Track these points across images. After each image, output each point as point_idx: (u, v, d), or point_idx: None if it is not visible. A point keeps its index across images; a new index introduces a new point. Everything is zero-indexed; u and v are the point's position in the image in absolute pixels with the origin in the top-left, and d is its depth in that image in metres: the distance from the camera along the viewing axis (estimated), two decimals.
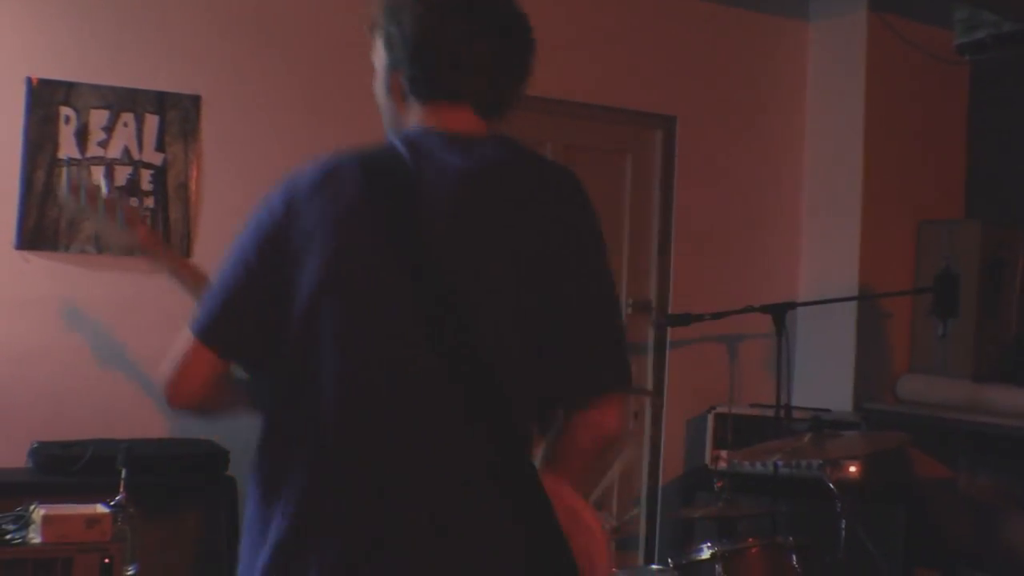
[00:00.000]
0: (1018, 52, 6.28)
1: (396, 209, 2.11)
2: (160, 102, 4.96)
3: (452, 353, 2.06)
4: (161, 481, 4.45)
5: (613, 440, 2.23)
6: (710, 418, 5.91)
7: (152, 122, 4.95)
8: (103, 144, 4.86)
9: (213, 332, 2.16)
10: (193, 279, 3.65)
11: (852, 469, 5.44)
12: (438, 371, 2.06)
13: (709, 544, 4.18)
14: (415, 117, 2.25)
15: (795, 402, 5.80)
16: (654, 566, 4.41)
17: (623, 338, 2.25)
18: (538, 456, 2.24)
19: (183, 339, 2.18)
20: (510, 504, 2.09)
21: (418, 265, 2.08)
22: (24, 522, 3.81)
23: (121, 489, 3.90)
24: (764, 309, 5.35)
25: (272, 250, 2.12)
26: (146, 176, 4.94)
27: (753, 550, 4.17)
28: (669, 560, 4.33)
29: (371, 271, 2.08)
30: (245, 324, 2.15)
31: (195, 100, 5.04)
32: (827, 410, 5.89)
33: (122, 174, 4.89)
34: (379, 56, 2.28)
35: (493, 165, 2.18)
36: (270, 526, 2.11)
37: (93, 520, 3.78)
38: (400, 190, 2.12)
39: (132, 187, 4.89)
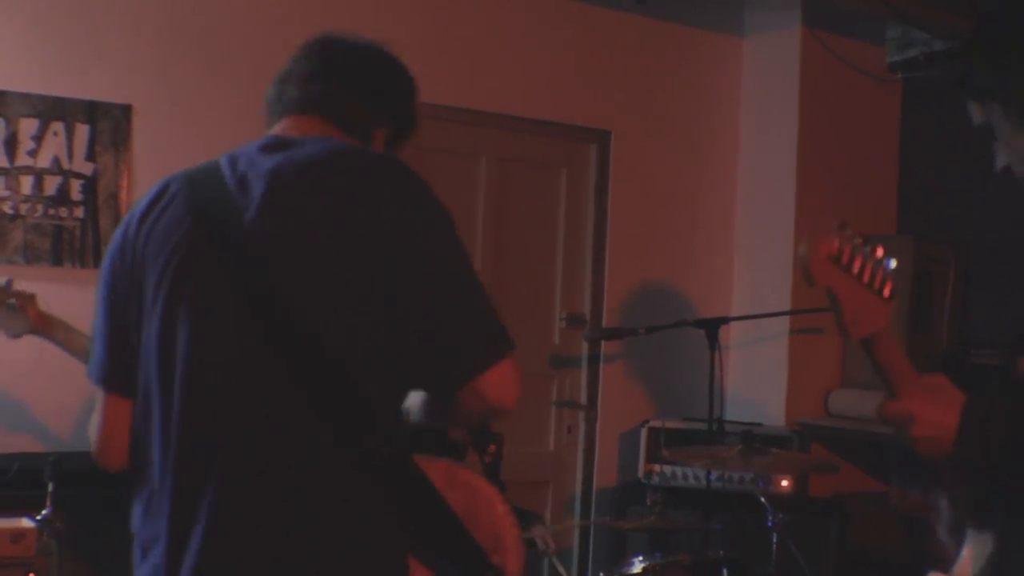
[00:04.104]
0: (949, 70, 6.35)
1: (213, 218, 2.16)
2: (91, 111, 4.92)
3: (286, 353, 2.06)
4: (89, 494, 4.40)
5: (500, 411, 2.16)
6: (643, 432, 5.92)
7: (82, 131, 4.91)
8: (32, 153, 4.81)
9: (109, 377, 2.24)
10: (84, 348, 3.81)
11: (784, 483, 5.47)
12: (276, 377, 2.06)
13: (640, 558, 4.19)
14: None
15: (728, 416, 5.82)
16: None
17: (487, 306, 2.17)
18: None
19: (96, 400, 2.27)
20: (382, 493, 2.08)
21: (239, 269, 2.11)
22: None
23: (47, 503, 3.85)
24: (697, 324, 5.38)
25: (119, 281, 2.23)
26: (76, 186, 4.89)
27: (684, 564, 4.18)
28: (601, 574, 4.33)
29: (197, 282, 2.13)
30: (128, 358, 2.21)
31: (126, 109, 5.00)
32: (759, 424, 5.92)
33: (52, 184, 4.84)
34: None
35: (307, 160, 2.18)
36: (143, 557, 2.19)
37: (18, 535, 3.74)
38: (216, 200, 2.17)
39: (62, 197, 4.85)
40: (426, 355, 2.11)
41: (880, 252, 2.06)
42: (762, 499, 4.52)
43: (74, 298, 4.66)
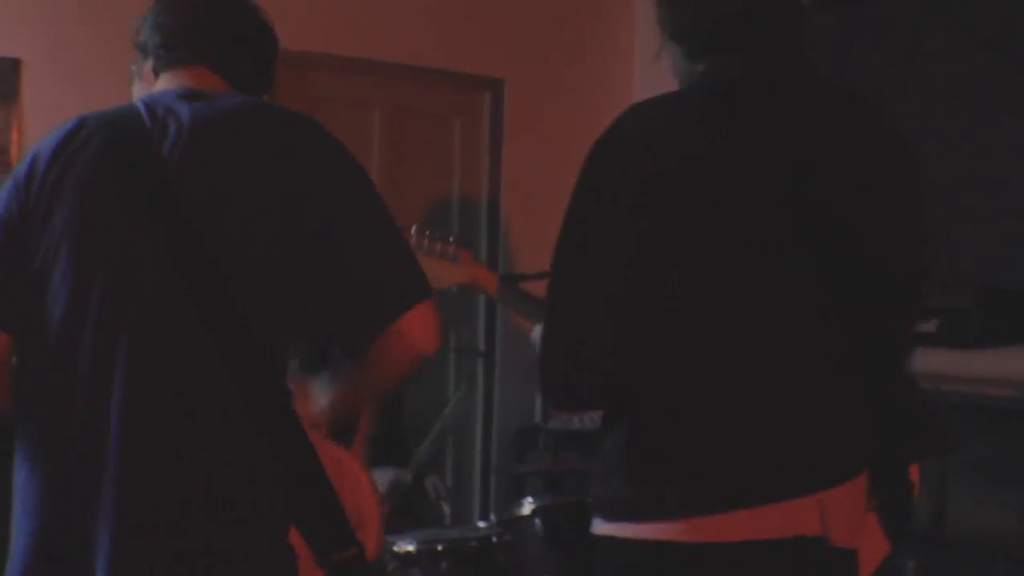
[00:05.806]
0: (841, 14, 6.43)
1: (134, 158, 2.18)
2: None
3: (200, 295, 2.09)
4: None
5: (425, 351, 2.23)
6: None
7: None
8: None
9: None
10: None
11: None
12: (186, 316, 2.09)
13: (530, 499, 4.24)
14: (161, 87, 2.42)
15: None
16: (480, 523, 4.48)
17: (408, 250, 2.28)
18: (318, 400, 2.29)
19: None
20: (272, 451, 2.10)
21: (158, 209, 2.13)
22: None
23: None
24: None
25: (17, 212, 2.21)
26: None
27: (573, 503, 4.23)
28: (492, 516, 4.39)
29: (112, 221, 2.15)
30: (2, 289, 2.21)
31: (15, 64, 4.96)
32: None
33: None
34: (138, 64, 2.52)
35: (226, 111, 2.26)
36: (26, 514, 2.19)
37: None
38: (136, 141, 2.20)
39: None
40: (348, 296, 2.18)
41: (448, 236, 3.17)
42: None
43: None
